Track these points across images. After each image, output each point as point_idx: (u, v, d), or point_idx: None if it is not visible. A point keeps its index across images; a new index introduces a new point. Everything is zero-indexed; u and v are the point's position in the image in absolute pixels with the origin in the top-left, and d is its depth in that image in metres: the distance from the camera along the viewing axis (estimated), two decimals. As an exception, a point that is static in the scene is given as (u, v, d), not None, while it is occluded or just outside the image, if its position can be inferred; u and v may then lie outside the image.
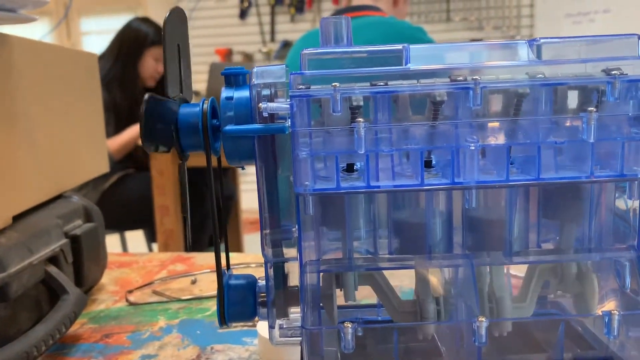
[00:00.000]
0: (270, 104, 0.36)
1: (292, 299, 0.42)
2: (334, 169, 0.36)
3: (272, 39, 3.79)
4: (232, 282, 0.42)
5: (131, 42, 2.06)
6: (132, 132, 2.00)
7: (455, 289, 0.39)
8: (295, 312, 0.42)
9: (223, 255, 0.43)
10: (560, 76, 0.37)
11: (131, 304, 0.69)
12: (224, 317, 0.41)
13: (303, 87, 0.36)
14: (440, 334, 0.41)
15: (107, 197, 1.95)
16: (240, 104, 0.38)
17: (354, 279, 0.40)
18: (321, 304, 0.39)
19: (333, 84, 0.34)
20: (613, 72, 0.35)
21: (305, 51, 0.36)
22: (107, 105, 1.90)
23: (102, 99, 0.75)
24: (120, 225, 2.14)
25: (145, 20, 2.13)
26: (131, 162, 2.06)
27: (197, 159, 0.56)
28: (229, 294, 0.41)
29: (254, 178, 0.39)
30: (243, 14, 3.79)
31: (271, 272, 0.40)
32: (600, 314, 0.37)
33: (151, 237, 2.19)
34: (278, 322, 0.41)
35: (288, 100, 0.36)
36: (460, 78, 0.36)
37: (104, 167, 0.81)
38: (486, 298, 0.38)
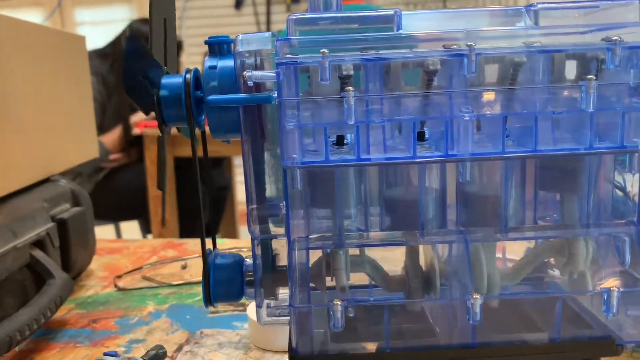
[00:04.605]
0: (255, 72, 0.34)
1: (280, 279, 0.40)
2: (322, 142, 0.35)
3: (268, 29, 3.76)
4: (218, 261, 0.40)
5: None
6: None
7: (449, 266, 0.38)
8: (284, 293, 0.41)
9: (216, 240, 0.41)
10: (559, 44, 0.36)
11: (120, 289, 0.67)
12: (210, 297, 0.39)
13: (290, 55, 0.35)
14: (433, 313, 0.40)
15: (101, 188, 1.93)
16: (224, 73, 0.36)
17: (346, 263, 0.39)
18: (312, 285, 0.38)
19: (321, 50, 0.33)
20: (614, 39, 0.34)
21: (292, 16, 0.34)
22: (105, 104, 1.88)
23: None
24: (114, 215, 2.12)
25: (145, 22, 2.10)
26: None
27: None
28: (215, 273, 0.39)
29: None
30: (238, 4, 3.76)
31: (258, 249, 0.39)
32: (599, 291, 0.36)
33: (146, 228, 2.18)
34: (266, 301, 0.39)
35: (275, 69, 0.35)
36: (455, 46, 0.34)
37: (93, 152, 0.79)
38: (484, 275, 0.37)
